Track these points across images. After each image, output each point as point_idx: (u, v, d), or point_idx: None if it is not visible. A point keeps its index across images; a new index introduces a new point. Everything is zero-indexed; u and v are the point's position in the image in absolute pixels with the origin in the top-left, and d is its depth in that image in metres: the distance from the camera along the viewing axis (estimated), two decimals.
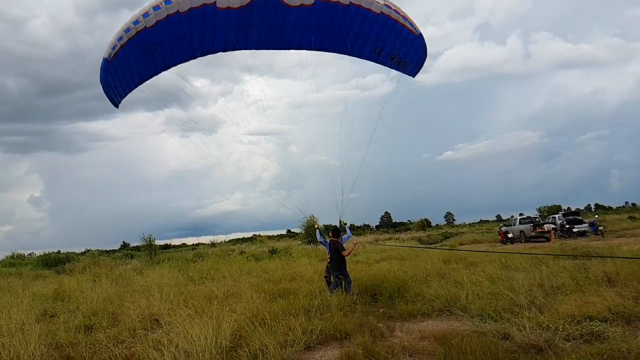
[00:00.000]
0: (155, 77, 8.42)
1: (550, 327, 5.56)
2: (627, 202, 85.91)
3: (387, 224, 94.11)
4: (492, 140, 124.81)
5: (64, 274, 21.59)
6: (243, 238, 66.87)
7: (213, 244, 47.46)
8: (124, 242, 65.66)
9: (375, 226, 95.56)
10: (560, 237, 25.38)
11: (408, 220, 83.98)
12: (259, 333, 6.07)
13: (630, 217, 40.72)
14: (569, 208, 37.94)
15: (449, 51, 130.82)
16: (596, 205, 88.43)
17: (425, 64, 9.70)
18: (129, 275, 15.58)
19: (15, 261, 31.94)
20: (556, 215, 28.42)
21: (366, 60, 9.16)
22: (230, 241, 57.93)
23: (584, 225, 26.27)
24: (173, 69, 8.39)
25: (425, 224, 73.80)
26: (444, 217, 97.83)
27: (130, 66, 7.96)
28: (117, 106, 8.46)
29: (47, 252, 34.58)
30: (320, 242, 10.01)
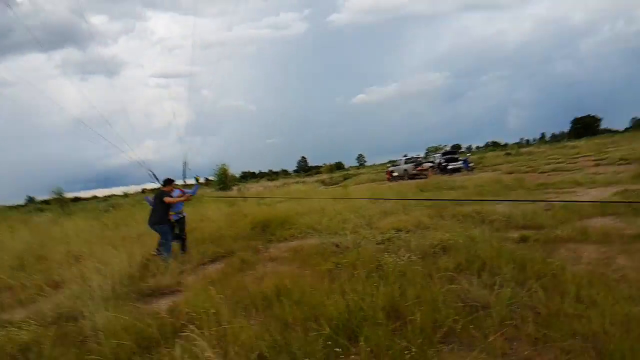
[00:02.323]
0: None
1: (367, 237, 8.31)
2: (521, 139, 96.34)
3: (303, 168, 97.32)
4: (401, 82, 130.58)
5: None
6: (158, 188, 66.13)
7: (126, 195, 47.32)
8: (28, 196, 61.42)
9: (293, 170, 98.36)
10: (438, 173, 29.77)
11: (323, 164, 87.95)
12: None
13: (506, 154, 47.43)
14: (465, 146, 42.63)
15: None
16: (493, 142, 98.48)
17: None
18: (46, 226, 16.54)
19: None
20: (437, 155, 32.97)
21: None
22: (144, 191, 57.54)
23: (459, 162, 30.96)
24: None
25: (334, 168, 77.62)
26: (356, 158, 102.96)
27: None
28: None
29: None
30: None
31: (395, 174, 31.47)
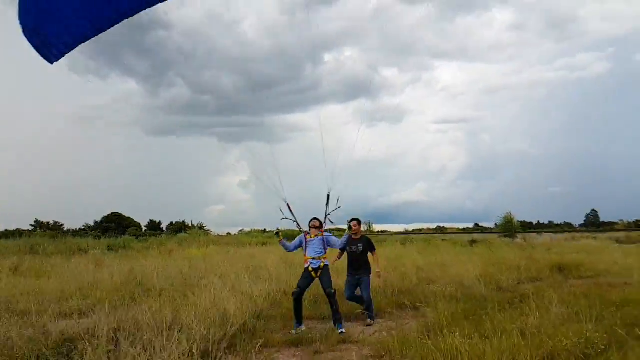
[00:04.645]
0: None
1: None
2: None
3: (592, 222, 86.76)
4: None
5: None
6: (428, 229, 71.87)
7: (407, 231, 55.32)
8: None
9: (579, 225, 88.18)
10: None
11: (620, 220, 76.44)
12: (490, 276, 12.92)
13: None
14: None
15: None
16: None
17: None
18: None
19: (252, 234, 44.17)
20: None
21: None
22: (413, 231, 64.92)
23: None
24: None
25: (633, 226, 67.52)
26: None
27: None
28: (52, 62, 5.46)
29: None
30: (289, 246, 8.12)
31: None
